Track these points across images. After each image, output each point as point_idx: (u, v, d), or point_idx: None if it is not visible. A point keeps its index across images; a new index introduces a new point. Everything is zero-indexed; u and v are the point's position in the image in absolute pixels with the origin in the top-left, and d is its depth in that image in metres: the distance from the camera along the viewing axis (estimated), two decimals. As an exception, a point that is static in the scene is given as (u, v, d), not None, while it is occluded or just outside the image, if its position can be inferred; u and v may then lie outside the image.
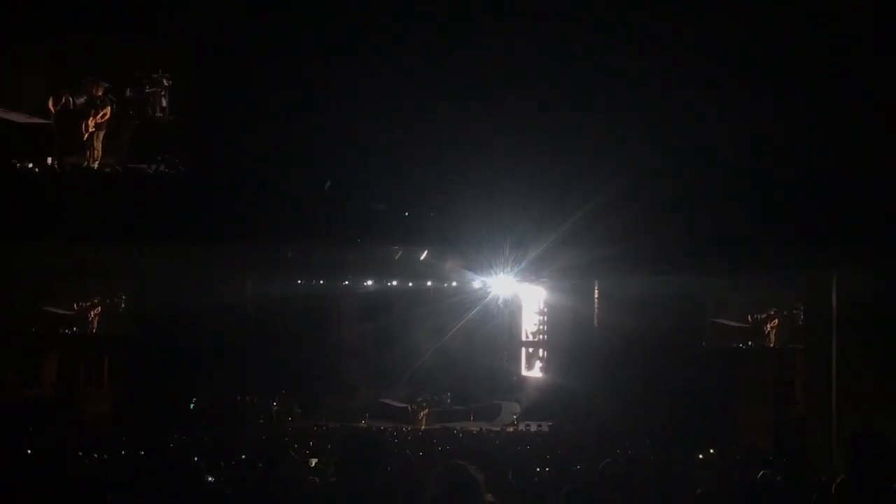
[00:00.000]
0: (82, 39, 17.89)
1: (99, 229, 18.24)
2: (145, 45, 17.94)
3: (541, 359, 35.43)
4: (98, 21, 17.40)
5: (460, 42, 16.81)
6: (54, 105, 17.89)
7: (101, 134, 18.11)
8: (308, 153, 17.29)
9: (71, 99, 17.99)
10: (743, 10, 16.50)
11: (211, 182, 17.61)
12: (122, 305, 28.26)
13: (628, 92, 17.08)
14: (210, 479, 9.20)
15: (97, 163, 18.14)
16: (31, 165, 17.75)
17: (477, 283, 31.48)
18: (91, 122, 18.03)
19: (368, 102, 16.89)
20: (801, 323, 25.03)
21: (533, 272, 25.19)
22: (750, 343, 26.44)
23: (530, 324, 35.99)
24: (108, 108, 18.05)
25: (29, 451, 11.34)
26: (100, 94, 18.14)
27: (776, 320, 26.13)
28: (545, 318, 34.80)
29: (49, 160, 17.85)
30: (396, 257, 26.71)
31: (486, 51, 16.77)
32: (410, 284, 33.06)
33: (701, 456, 18.55)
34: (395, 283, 33.06)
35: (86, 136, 18.01)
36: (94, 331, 27.97)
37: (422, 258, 26.37)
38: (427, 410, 31.57)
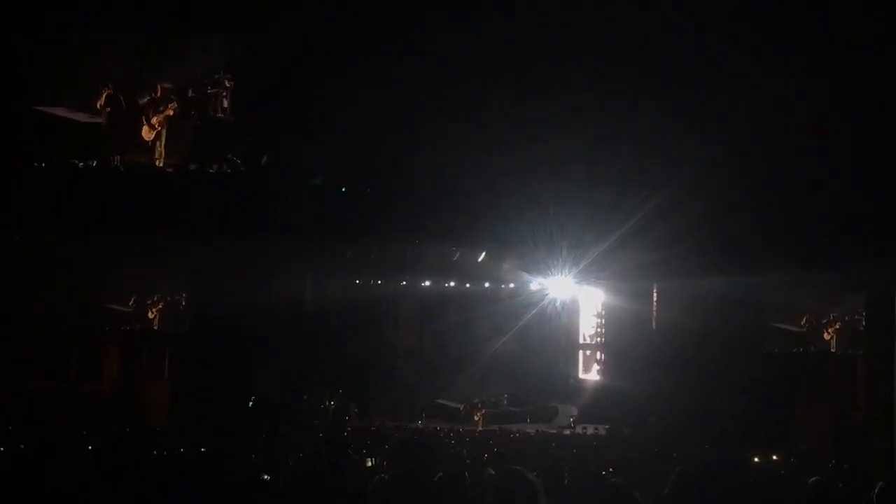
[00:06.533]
0: (145, 41, 18.11)
1: (160, 227, 18.47)
2: (207, 45, 18.11)
3: (598, 361, 35.18)
4: (161, 22, 17.63)
5: (515, 41, 16.81)
6: (103, 104, 18.12)
7: (164, 133, 18.32)
8: (364, 152, 17.38)
9: (124, 98, 18.21)
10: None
11: (269, 181, 17.76)
12: (183, 303, 28.46)
13: (691, 92, 16.99)
14: (266, 476, 9.24)
15: (160, 161, 18.36)
16: (94, 164, 18.00)
17: (534, 284, 31.33)
18: (156, 121, 18.25)
19: (423, 103, 16.95)
20: (862, 328, 24.67)
21: (591, 274, 25.05)
22: (812, 347, 26.08)
23: (588, 326, 35.71)
24: (171, 106, 18.25)
25: (88, 447, 11.46)
26: (162, 94, 18.35)
27: (838, 324, 25.73)
28: (603, 320, 34.52)
29: (111, 159, 18.11)
30: (454, 258, 26.70)
31: (541, 50, 16.77)
32: (468, 286, 32.93)
33: (757, 459, 18.35)
34: (452, 283, 32.92)
35: (151, 135, 18.23)
36: (155, 327, 28.22)
37: (479, 259, 26.32)
38: (483, 412, 31.50)
